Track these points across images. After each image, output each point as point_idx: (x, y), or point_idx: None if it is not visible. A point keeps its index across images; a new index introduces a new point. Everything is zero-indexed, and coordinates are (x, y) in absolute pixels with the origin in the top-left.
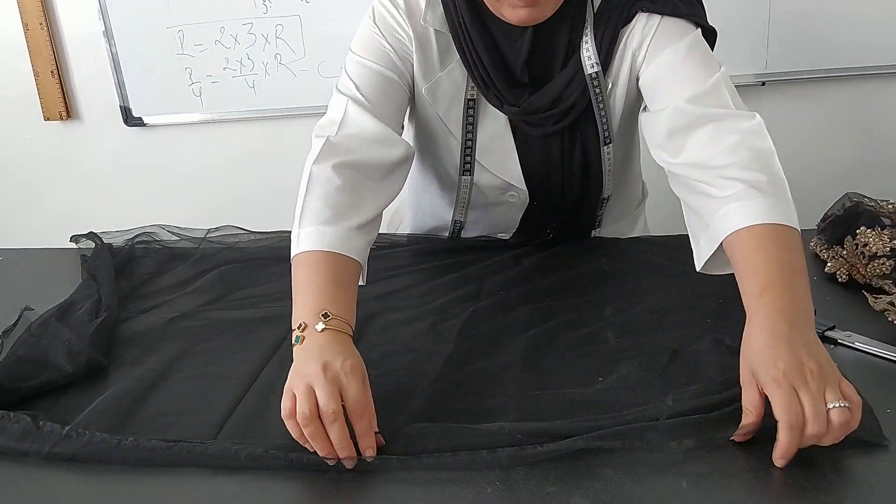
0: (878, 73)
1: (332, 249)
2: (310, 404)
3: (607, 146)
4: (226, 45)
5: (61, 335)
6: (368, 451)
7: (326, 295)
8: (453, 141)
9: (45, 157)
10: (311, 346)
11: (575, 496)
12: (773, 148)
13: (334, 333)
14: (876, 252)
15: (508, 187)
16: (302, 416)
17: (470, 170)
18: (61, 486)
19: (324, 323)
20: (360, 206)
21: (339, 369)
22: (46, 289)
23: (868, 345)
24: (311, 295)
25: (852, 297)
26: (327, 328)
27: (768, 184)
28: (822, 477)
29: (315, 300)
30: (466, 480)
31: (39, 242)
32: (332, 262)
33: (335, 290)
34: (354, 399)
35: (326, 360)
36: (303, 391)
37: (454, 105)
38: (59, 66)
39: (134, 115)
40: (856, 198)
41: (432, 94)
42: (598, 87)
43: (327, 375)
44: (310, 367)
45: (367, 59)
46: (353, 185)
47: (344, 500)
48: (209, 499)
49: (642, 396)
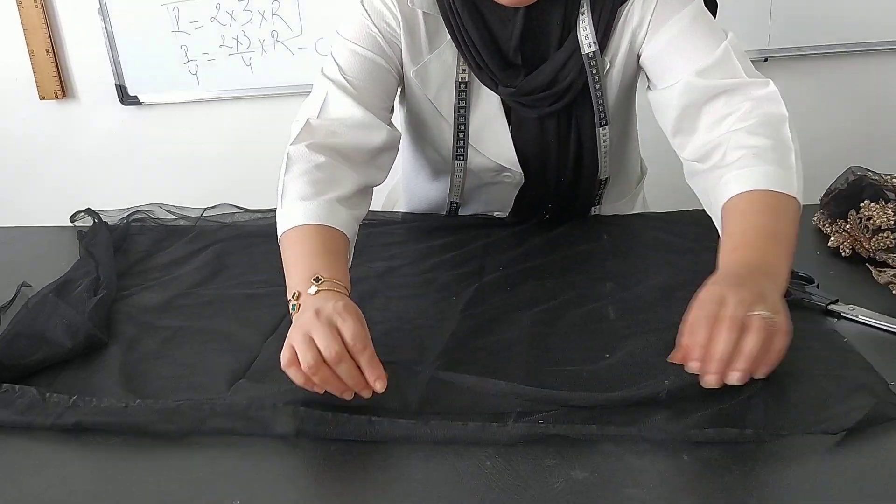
0: (882, 48)
1: (317, 222)
2: (312, 352)
3: (603, 128)
4: (221, 21)
5: (60, 312)
6: (378, 383)
7: (317, 263)
8: (445, 125)
9: (40, 136)
10: (308, 307)
11: (575, 469)
12: (786, 114)
13: (329, 293)
14: (880, 225)
15: (502, 169)
16: (308, 366)
17: (463, 154)
18: (68, 459)
19: (317, 286)
20: (340, 181)
21: (331, 311)
22: (42, 266)
23: (872, 318)
24: (302, 265)
25: (856, 271)
26: (321, 290)
27: (772, 149)
28: (826, 449)
29: (306, 268)
30: (466, 454)
31: (35, 221)
32: (318, 233)
33: (325, 258)
34: (352, 335)
35: (318, 306)
36: (301, 340)
37: (445, 88)
38: (54, 45)
39: (130, 94)
40: (860, 172)
41: (421, 77)
42: (594, 66)
43: (321, 319)
44: (304, 318)
45: (353, 43)
46: (333, 164)
47: (342, 474)
48: (214, 469)
49: (647, 372)
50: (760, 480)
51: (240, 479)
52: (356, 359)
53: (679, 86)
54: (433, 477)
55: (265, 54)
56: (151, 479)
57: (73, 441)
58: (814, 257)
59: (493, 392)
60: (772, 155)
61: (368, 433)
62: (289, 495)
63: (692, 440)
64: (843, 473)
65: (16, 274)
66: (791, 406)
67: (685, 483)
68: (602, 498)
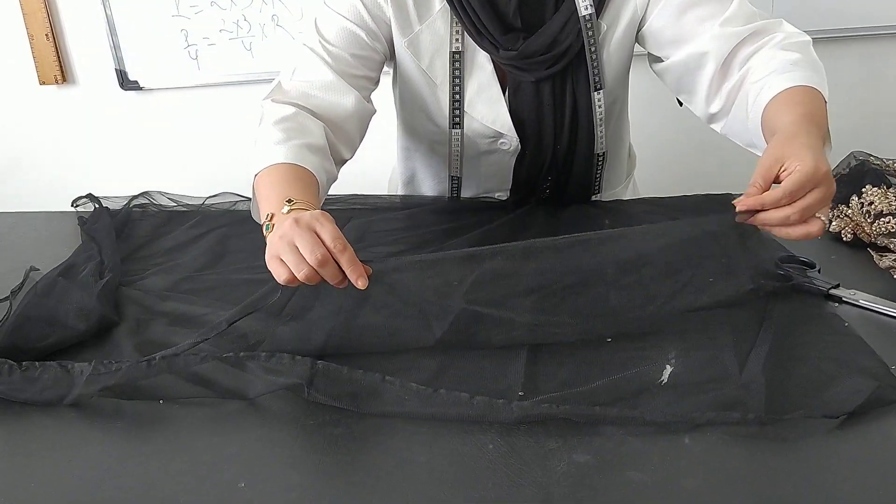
0: (885, 33)
1: (289, 161)
2: (296, 256)
3: (598, 92)
4: (222, 6)
5: (69, 295)
6: (360, 281)
7: (289, 189)
8: (440, 94)
9: (40, 121)
10: (282, 223)
11: (577, 452)
12: (809, 39)
13: (301, 211)
14: (881, 210)
15: (499, 136)
16: (306, 276)
17: (459, 122)
18: (73, 443)
19: (289, 206)
20: (310, 131)
21: (309, 217)
22: (42, 252)
23: (873, 302)
24: (276, 193)
25: (857, 256)
26: (293, 209)
27: (803, 60)
28: (828, 433)
29: (277, 195)
30: (468, 437)
31: (35, 206)
32: (290, 169)
33: (296, 185)
34: (332, 238)
35: (294, 216)
36: (286, 249)
37: (438, 58)
38: (53, 30)
39: (130, 79)
40: (861, 156)
41: (413, 47)
42: (591, 28)
43: (301, 226)
44: (283, 227)
45: (337, 14)
46: (302, 114)
47: (345, 457)
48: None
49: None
50: (762, 463)
51: (244, 462)
52: (337, 259)
53: (704, 41)
54: (436, 460)
55: (265, 38)
56: (157, 463)
57: (79, 424)
58: (815, 242)
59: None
60: (805, 64)
61: (380, 391)
62: (292, 478)
63: (694, 423)
64: (844, 456)
65: (15, 259)
66: (792, 390)
67: (686, 466)
68: (603, 481)
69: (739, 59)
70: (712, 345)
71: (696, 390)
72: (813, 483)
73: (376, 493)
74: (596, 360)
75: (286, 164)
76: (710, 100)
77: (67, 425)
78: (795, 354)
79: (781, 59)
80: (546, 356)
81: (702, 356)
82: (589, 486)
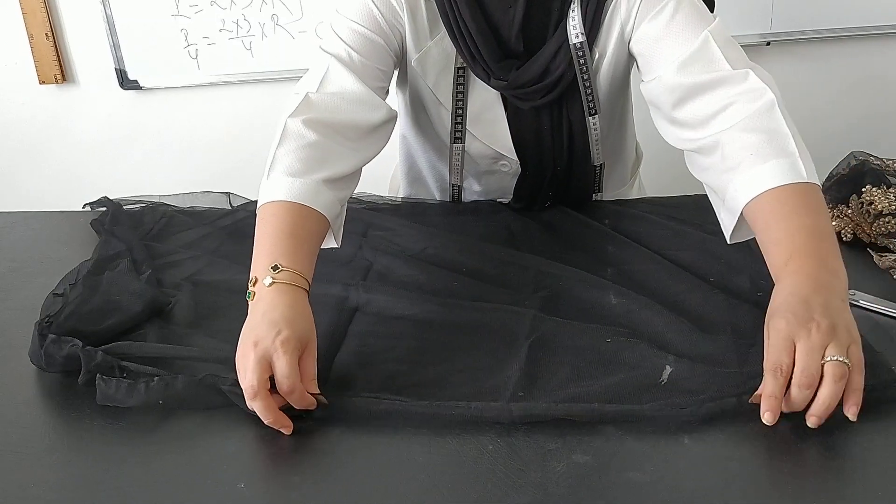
0: (884, 32)
1: (297, 200)
2: (248, 382)
3: (592, 117)
4: (221, 5)
5: (118, 283)
6: (284, 430)
7: (281, 246)
8: (444, 111)
9: (40, 120)
10: (260, 305)
11: (576, 453)
12: (773, 97)
13: (283, 288)
14: (881, 210)
15: (499, 157)
16: (246, 394)
17: (461, 138)
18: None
19: (272, 277)
20: (333, 162)
21: (268, 346)
22: (42, 251)
23: (873, 303)
24: (267, 247)
25: (857, 256)
26: (275, 282)
27: (768, 143)
28: (826, 434)
29: (269, 252)
30: (468, 438)
31: (35, 206)
32: (294, 212)
33: (292, 241)
34: (281, 375)
35: (260, 335)
36: (241, 367)
37: (444, 75)
38: (53, 29)
39: (130, 78)
40: (861, 156)
41: (422, 64)
42: (582, 57)
43: (256, 354)
44: (247, 343)
45: (354, 22)
46: (328, 142)
47: (345, 458)
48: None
49: (648, 354)
50: (761, 465)
51: (244, 462)
52: (285, 396)
53: (661, 81)
54: (435, 461)
55: (265, 38)
56: (156, 463)
57: (78, 424)
58: None
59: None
60: (769, 149)
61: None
62: (292, 479)
63: (692, 416)
64: (846, 458)
65: (15, 258)
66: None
67: (686, 467)
68: (603, 481)
69: (693, 113)
70: (713, 345)
71: (696, 389)
72: (814, 485)
73: (376, 494)
74: (596, 361)
75: (293, 204)
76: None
77: (66, 425)
78: None
79: (746, 146)
80: (546, 356)
81: (702, 356)
82: (588, 487)
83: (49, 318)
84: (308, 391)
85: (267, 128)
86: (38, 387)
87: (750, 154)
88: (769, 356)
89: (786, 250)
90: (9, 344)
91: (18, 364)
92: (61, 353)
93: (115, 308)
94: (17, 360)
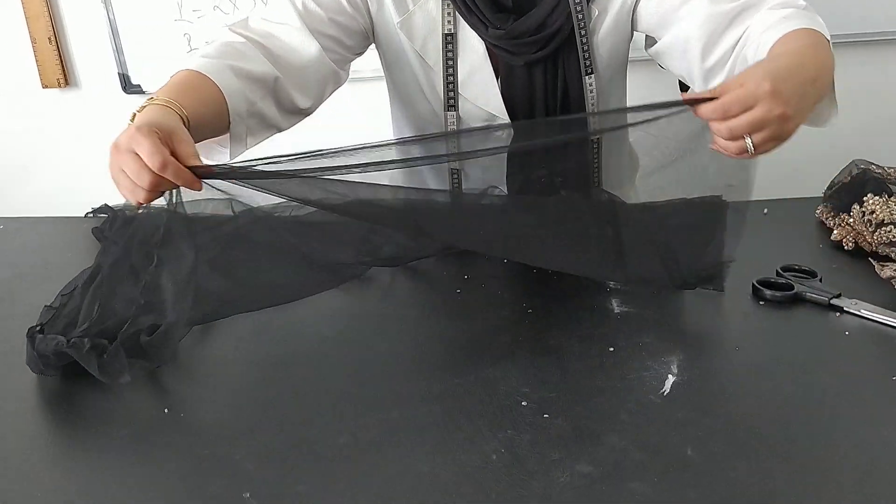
0: (886, 39)
1: (200, 70)
2: (137, 190)
3: (589, 76)
4: (224, 10)
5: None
6: (195, 185)
7: (169, 91)
8: (434, 76)
9: (42, 124)
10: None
11: (580, 463)
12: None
13: (153, 107)
14: (883, 220)
15: (492, 118)
16: (146, 199)
17: (455, 105)
18: (77, 454)
19: (148, 102)
20: (247, 60)
21: (124, 139)
22: (46, 255)
23: (874, 312)
24: (159, 92)
25: (859, 265)
26: (149, 105)
27: (797, 12)
28: (830, 445)
29: (158, 93)
30: (471, 446)
31: (37, 211)
32: (192, 76)
33: (181, 89)
34: (147, 154)
35: (116, 139)
36: (114, 175)
37: (431, 39)
38: (56, 33)
39: (132, 83)
40: (863, 165)
41: (406, 28)
42: (581, 13)
43: (117, 150)
44: (119, 138)
45: None
46: (250, 46)
47: (349, 467)
48: (222, 464)
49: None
50: (764, 475)
51: (249, 472)
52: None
53: (692, 22)
54: (439, 469)
55: None
56: (161, 472)
57: (83, 432)
58: (817, 250)
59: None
60: (802, 14)
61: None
62: (297, 488)
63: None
64: (847, 469)
65: (19, 264)
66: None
67: (689, 477)
68: (607, 492)
69: (731, 35)
70: (715, 355)
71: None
72: (816, 496)
73: (380, 503)
74: (598, 369)
75: (194, 71)
76: (708, 77)
77: (70, 433)
78: (797, 361)
79: (777, 16)
80: (548, 364)
81: (704, 367)
82: (592, 497)
83: (41, 326)
84: (187, 165)
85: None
86: (43, 393)
87: (783, 17)
88: (731, 92)
89: (781, 47)
90: (13, 350)
91: (23, 371)
92: (49, 350)
93: (110, 316)
94: (21, 367)
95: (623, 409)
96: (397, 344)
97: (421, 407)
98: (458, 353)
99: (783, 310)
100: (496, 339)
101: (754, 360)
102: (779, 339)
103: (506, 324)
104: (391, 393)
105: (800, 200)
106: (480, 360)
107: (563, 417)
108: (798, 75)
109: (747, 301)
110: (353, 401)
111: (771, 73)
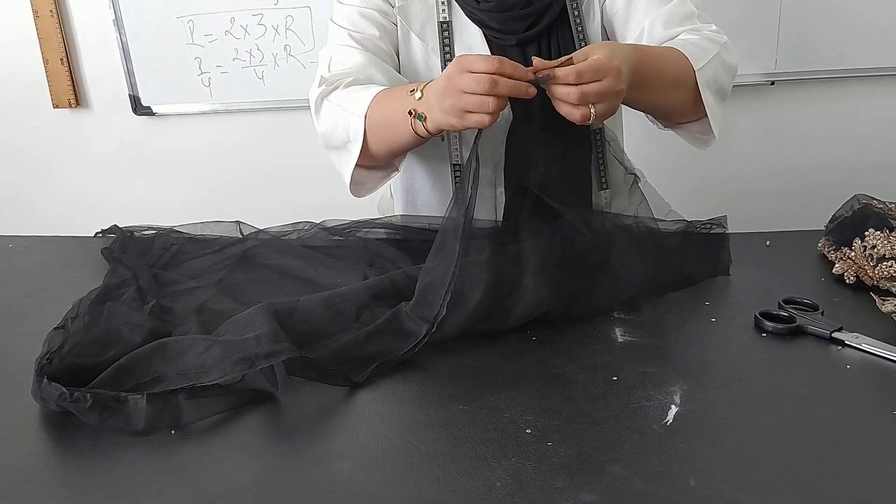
0: (888, 73)
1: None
2: (486, 100)
3: None
4: (235, 35)
5: (119, 315)
6: (528, 73)
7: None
8: (433, 59)
9: (53, 144)
10: (428, 88)
11: (583, 492)
12: (726, 39)
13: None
14: (884, 254)
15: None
16: (496, 106)
17: None
18: (80, 468)
19: (418, 90)
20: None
21: (453, 69)
22: (55, 275)
23: (875, 346)
24: (396, 97)
25: (860, 299)
26: (419, 89)
27: (712, 43)
28: (832, 476)
29: (398, 99)
30: (476, 474)
31: (48, 230)
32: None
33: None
34: (481, 64)
35: (448, 72)
36: (463, 102)
37: (428, 26)
38: (68, 54)
39: (143, 104)
40: (865, 199)
41: (404, 13)
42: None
43: (450, 80)
44: (434, 89)
45: (353, 7)
46: (357, 81)
47: (359, 491)
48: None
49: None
50: None
51: (257, 493)
52: (501, 74)
53: (643, 34)
54: (444, 496)
55: (277, 67)
56: (169, 494)
57: (91, 456)
58: (819, 283)
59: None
60: (707, 46)
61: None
62: None
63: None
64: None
65: (28, 283)
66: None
67: None
68: None
69: (676, 30)
70: (718, 386)
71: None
72: None
73: None
74: (602, 398)
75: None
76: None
77: (80, 454)
78: (798, 394)
79: (691, 36)
80: (553, 393)
81: (706, 397)
82: None
83: (49, 356)
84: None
85: (276, 154)
86: (49, 414)
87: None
88: (586, 61)
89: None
90: (22, 369)
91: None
92: (52, 399)
93: (115, 339)
94: (28, 386)
95: (626, 439)
96: (402, 371)
97: (426, 434)
98: (463, 381)
99: (785, 342)
100: (501, 367)
101: (756, 391)
102: (780, 371)
103: (511, 352)
104: (396, 419)
105: (802, 233)
106: (485, 388)
107: (566, 446)
108: (641, 68)
109: (749, 333)
110: (357, 427)
111: (618, 55)
